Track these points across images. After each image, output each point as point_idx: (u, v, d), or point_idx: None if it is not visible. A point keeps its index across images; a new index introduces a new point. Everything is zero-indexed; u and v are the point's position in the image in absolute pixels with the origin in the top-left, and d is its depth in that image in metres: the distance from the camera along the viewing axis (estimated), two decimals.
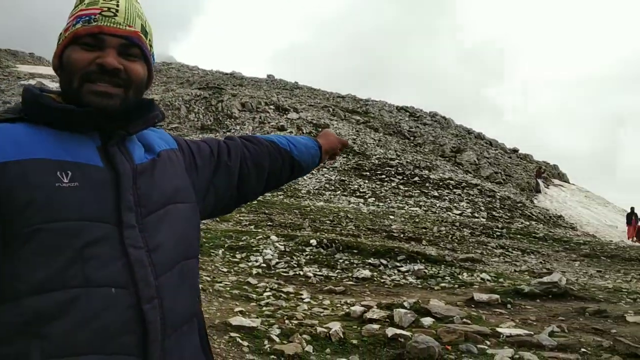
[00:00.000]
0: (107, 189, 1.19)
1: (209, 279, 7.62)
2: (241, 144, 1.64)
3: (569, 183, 42.89)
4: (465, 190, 23.49)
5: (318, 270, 9.14)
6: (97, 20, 1.21)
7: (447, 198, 22.13)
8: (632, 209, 25.45)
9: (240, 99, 32.34)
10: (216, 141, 1.60)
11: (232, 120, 29.49)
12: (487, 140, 43.74)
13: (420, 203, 20.67)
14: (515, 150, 44.81)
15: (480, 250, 12.99)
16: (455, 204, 21.44)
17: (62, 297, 1.09)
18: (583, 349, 5.26)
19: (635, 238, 23.60)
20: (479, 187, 24.42)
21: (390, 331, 5.36)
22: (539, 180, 35.17)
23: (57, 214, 1.12)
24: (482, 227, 16.37)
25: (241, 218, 13.15)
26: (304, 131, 29.03)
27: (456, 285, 8.87)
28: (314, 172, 23.87)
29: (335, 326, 5.49)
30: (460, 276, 9.52)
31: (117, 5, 1.23)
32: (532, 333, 5.71)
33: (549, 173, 40.23)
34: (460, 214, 19.69)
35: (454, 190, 23.32)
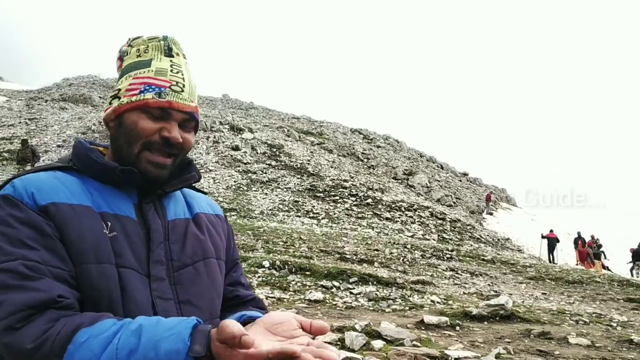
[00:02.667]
0: (141, 242, 1.26)
1: None
2: None
3: (516, 206, 44.18)
4: (417, 213, 23.87)
5: (270, 292, 9.09)
6: (168, 95, 1.29)
7: (399, 220, 22.43)
8: (579, 233, 26.36)
9: None
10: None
11: None
12: (438, 164, 44.72)
13: (373, 225, 20.88)
14: (465, 174, 45.96)
15: (431, 273, 13.19)
16: (407, 226, 21.75)
17: None
18: None
19: (579, 262, 24.41)
20: (430, 210, 24.85)
21: (342, 354, 5.38)
22: (489, 204, 36.12)
23: (104, 257, 1.18)
24: (432, 250, 16.64)
25: None
26: (259, 151, 29.01)
27: (407, 308, 8.97)
28: (267, 192, 23.84)
29: None
30: (411, 298, 9.64)
31: (183, 80, 1.33)
32: (479, 355, 5.82)
33: (497, 197, 41.31)
34: (411, 236, 19.98)
35: (406, 212, 23.67)
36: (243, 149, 28.91)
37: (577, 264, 23.95)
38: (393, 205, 24.12)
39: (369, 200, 24.07)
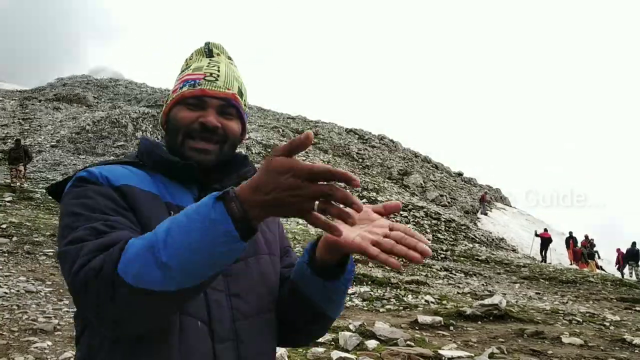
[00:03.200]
0: None
1: None
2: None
3: (510, 206, 44.29)
4: (411, 213, 23.92)
5: None
6: (201, 85, 1.38)
7: (394, 220, 22.29)
8: (571, 233, 26.47)
9: None
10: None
11: None
12: (433, 164, 44.77)
13: None
14: (460, 174, 46.04)
15: (425, 273, 13.22)
16: None
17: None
18: None
19: (573, 261, 24.51)
20: (425, 210, 24.89)
21: (335, 354, 5.39)
22: (483, 204, 36.21)
23: None
24: None
25: None
26: (253, 151, 29.00)
27: (401, 308, 8.99)
28: None
29: (280, 350, 5.47)
30: (405, 298, 9.66)
31: (218, 71, 1.41)
32: (472, 355, 5.84)
33: (492, 197, 41.36)
34: None
35: (401, 212, 23.69)
36: (238, 149, 28.87)
37: (571, 264, 24.03)
38: None
39: (364, 201, 24.08)
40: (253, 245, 1.38)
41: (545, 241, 25.62)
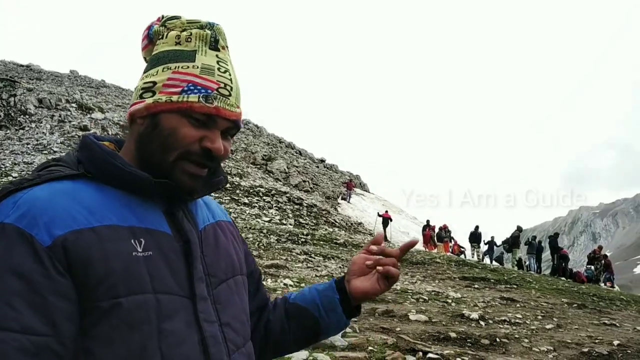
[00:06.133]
0: (178, 258, 1.10)
1: None
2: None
3: (369, 192, 46.40)
4: (274, 198, 24.12)
5: None
6: (216, 100, 1.11)
7: (257, 205, 22.50)
8: (428, 221, 28.43)
9: (37, 94, 29.48)
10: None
11: (27, 117, 26.75)
12: (297, 150, 45.52)
13: (230, 210, 20.75)
14: (322, 160, 47.31)
15: (285, 257, 13.40)
16: (264, 211, 21.90)
17: None
18: (370, 347, 5.70)
19: (424, 244, 26.27)
20: (287, 195, 25.23)
21: None
22: (349, 191, 37.66)
23: (136, 286, 1.01)
24: (288, 234, 16.92)
25: None
26: (110, 132, 27.48)
27: None
28: None
29: None
30: (264, 282, 9.71)
31: (231, 82, 1.15)
32: None
33: (354, 183, 43.01)
34: (269, 221, 20.16)
35: (264, 197, 23.81)
36: (92, 129, 27.13)
37: (425, 249, 25.75)
38: (251, 191, 24.14)
39: (227, 186, 23.84)
40: (231, 263, 1.24)
41: (385, 220, 28.12)
